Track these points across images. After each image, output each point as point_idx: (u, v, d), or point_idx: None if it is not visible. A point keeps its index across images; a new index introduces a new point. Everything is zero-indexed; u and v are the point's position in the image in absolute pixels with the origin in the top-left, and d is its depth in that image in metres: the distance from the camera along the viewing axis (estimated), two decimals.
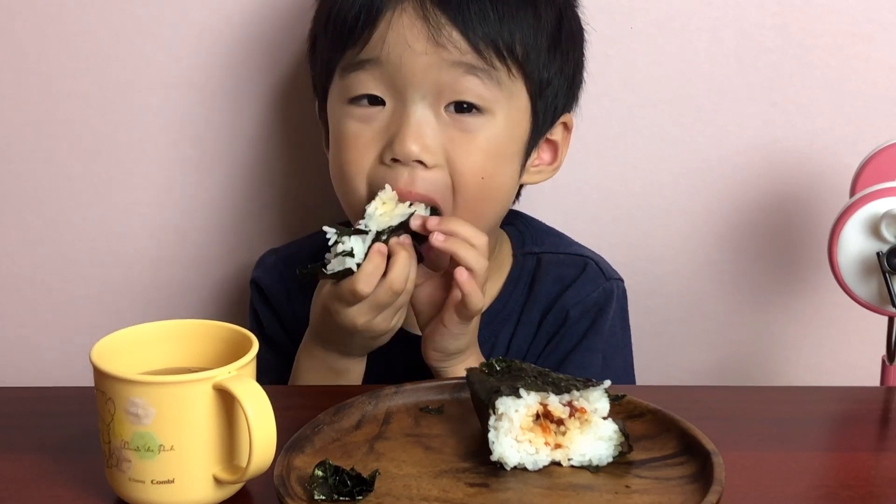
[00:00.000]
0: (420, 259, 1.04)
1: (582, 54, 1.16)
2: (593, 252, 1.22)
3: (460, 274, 1.01)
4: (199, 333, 0.88)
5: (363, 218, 1.02)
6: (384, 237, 1.01)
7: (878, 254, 1.04)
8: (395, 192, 1.04)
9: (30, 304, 1.37)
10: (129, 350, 0.86)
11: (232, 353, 0.84)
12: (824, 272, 1.12)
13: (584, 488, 0.83)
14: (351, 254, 0.99)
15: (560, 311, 1.16)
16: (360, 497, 0.81)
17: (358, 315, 1.01)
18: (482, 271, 1.02)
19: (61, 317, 1.37)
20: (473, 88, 1.05)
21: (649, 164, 1.32)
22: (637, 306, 1.36)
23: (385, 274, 1.00)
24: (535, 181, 1.16)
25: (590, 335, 1.15)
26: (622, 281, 1.20)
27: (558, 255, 1.20)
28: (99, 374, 0.81)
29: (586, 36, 1.17)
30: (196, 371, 0.81)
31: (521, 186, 1.17)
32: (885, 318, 1.12)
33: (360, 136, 1.07)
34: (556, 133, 1.15)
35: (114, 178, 1.33)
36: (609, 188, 1.33)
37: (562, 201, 1.33)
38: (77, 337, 1.36)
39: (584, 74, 1.17)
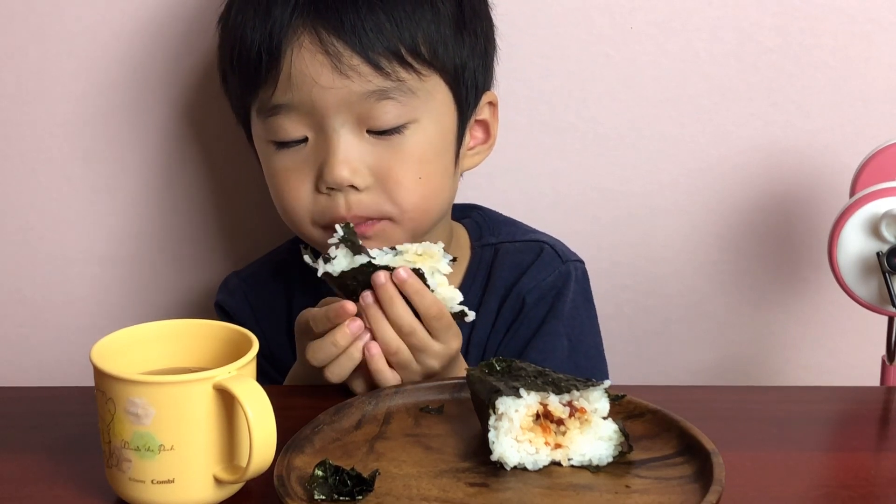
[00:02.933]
0: None
1: (490, 24, 1.15)
2: (551, 237, 1.21)
3: (368, 349, 0.97)
4: (199, 333, 0.88)
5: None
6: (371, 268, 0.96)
7: (878, 254, 1.04)
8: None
9: (30, 304, 1.37)
10: (129, 350, 0.86)
11: (232, 353, 0.84)
12: (824, 272, 1.12)
13: (584, 488, 0.83)
14: (329, 259, 0.96)
15: (517, 298, 1.16)
16: (360, 497, 0.81)
17: (313, 353, 0.98)
18: (400, 352, 0.97)
19: (61, 317, 1.37)
20: (390, 111, 1.05)
21: (649, 164, 1.32)
22: (637, 306, 1.36)
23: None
24: (474, 163, 1.16)
25: (549, 320, 1.14)
26: (582, 262, 1.20)
27: (515, 243, 1.20)
28: (99, 374, 0.81)
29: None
30: (196, 371, 0.81)
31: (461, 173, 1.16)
32: (885, 318, 1.12)
33: (291, 172, 1.08)
34: (484, 112, 1.15)
35: (113, 177, 1.33)
36: (609, 188, 1.33)
37: (562, 201, 1.33)
38: (77, 337, 1.36)
39: (497, 40, 1.16)
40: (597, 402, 0.86)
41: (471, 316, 0.99)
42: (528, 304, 1.15)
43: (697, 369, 1.39)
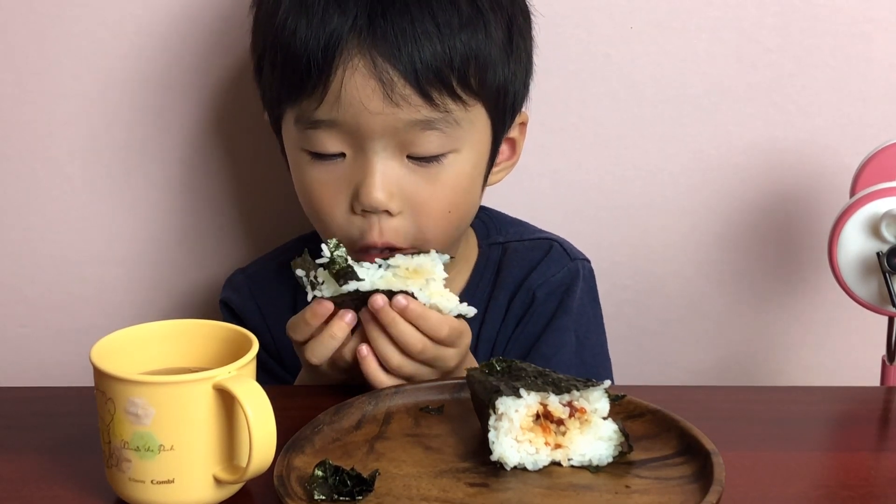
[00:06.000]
0: None
1: (531, 43, 1.13)
2: (558, 236, 1.22)
3: (359, 352, 0.97)
4: (199, 333, 0.88)
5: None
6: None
7: (878, 254, 1.04)
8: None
9: (30, 304, 1.37)
10: (129, 350, 0.86)
11: (232, 353, 0.84)
12: (824, 272, 1.12)
13: (584, 488, 0.83)
14: (317, 285, 0.96)
15: (526, 293, 1.16)
16: (360, 497, 0.81)
17: (312, 352, 0.97)
18: (400, 370, 0.97)
19: (61, 317, 1.37)
20: (434, 141, 1.03)
21: (649, 164, 1.32)
22: (637, 306, 1.36)
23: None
24: (497, 180, 1.16)
25: (559, 315, 1.15)
26: (588, 261, 1.20)
27: (523, 241, 1.21)
28: (99, 374, 0.81)
29: (537, 19, 1.14)
30: (196, 371, 0.81)
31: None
32: (885, 318, 1.12)
33: (326, 186, 1.06)
34: (514, 131, 1.14)
35: (114, 177, 1.33)
36: (609, 189, 1.33)
37: (562, 201, 1.33)
38: (77, 337, 1.36)
39: (535, 59, 1.14)
40: (597, 402, 0.86)
41: (471, 312, 0.98)
42: (538, 299, 1.16)
43: (697, 369, 1.39)
